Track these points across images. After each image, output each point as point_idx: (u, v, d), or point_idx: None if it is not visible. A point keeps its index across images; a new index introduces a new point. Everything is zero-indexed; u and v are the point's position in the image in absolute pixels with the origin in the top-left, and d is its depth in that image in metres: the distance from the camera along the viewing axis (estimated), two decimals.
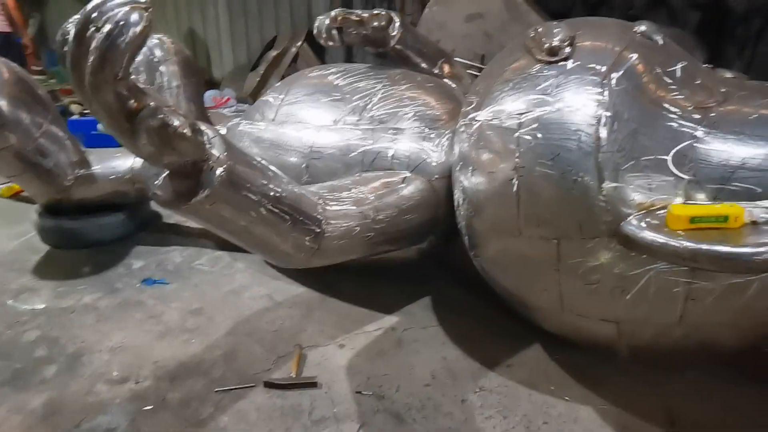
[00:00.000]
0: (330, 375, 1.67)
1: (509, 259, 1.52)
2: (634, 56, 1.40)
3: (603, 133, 1.30)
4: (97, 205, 2.42)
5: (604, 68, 1.37)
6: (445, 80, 2.18)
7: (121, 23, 0.81)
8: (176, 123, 0.90)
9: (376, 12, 2.08)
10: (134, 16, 0.82)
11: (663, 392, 1.61)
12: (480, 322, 1.93)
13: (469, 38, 3.21)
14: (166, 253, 2.42)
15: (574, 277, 1.38)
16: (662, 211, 1.26)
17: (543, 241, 1.38)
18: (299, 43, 4.38)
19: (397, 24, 2.13)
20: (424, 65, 2.26)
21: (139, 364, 1.69)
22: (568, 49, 1.41)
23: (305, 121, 1.97)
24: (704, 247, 1.12)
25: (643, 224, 1.24)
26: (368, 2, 4.31)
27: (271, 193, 1.25)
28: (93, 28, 0.87)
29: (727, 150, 1.28)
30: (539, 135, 1.35)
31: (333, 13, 2.08)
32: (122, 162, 2.38)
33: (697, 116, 1.34)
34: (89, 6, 0.87)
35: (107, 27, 0.82)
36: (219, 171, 1.07)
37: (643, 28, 1.49)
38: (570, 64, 1.39)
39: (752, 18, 3.21)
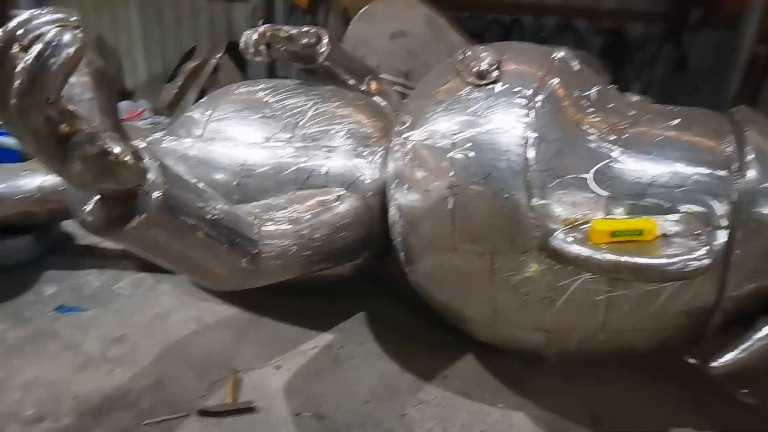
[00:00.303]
0: (267, 398, 1.64)
1: (444, 274, 1.56)
2: (556, 80, 1.50)
3: (530, 153, 1.38)
4: (0, 228, 2.22)
5: (529, 92, 1.45)
6: (375, 97, 2.21)
7: (54, 43, 0.76)
8: (117, 150, 0.85)
9: (305, 29, 2.08)
10: (67, 37, 0.77)
11: (587, 394, 1.72)
12: (415, 336, 1.97)
13: (393, 55, 3.27)
14: (81, 278, 2.26)
15: (507, 289, 1.45)
16: (585, 226, 1.35)
17: (477, 256, 1.43)
18: (220, 55, 4.27)
19: (325, 41, 2.14)
20: (351, 82, 2.28)
21: (57, 400, 1.57)
22: (495, 73, 1.49)
23: (235, 138, 1.92)
24: (624, 259, 1.22)
25: (569, 238, 1.33)
26: (290, 16, 4.29)
27: (208, 216, 1.21)
28: (17, 47, 0.81)
29: (639, 168, 1.40)
30: (472, 155, 1.40)
31: (261, 28, 2.05)
32: (30, 180, 2.20)
33: (612, 137, 1.46)
34: (13, 23, 0.81)
35: (37, 47, 0.77)
36: (155, 195, 1.03)
37: (561, 54, 1.61)
38: (498, 87, 1.47)
39: (648, 44, 3.54)
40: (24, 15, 0.83)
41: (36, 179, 2.19)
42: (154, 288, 2.22)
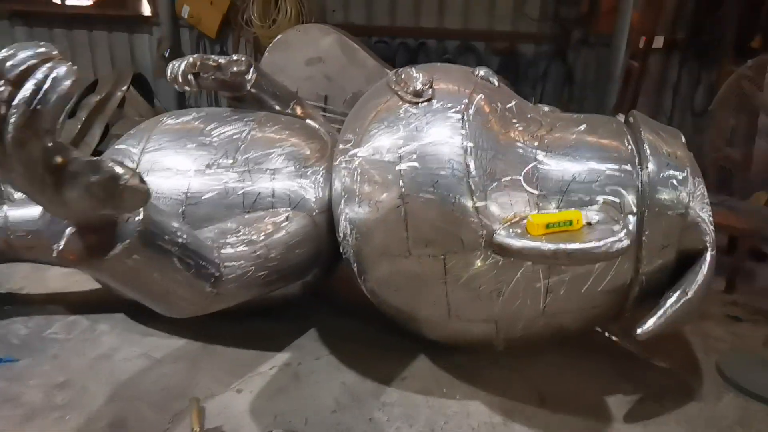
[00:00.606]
0: (235, 422, 1.64)
1: (400, 279, 1.67)
2: (481, 96, 1.68)
3: (470, 160, 1.53)
4: None
5: (461, 107, 1.62)
6: (307, 120, 2.30)
7: (51, 76, 0.79)
8: (126, 176, 0.88)
9: (235, 58, 2.13)
10: (62, 69, 0.80)
11: (531, 377, 1.89)
12: (368, 344, 2.05)
13: (310, 80, 3.38)
14: (5, 326, 2.11)
15: (459, 286, 1.58)
16: (523, 222, 1.53)
17: (431, 259, 1.56)
18: (125, 87, 4.13)
19: (252, 69, 2.20)
20: (277, 107, 2.35)
21: None
22: (430, 92, 1.64)
23: (174, 168, 1.92)
24: (561, 246, 1.40)
25: (511, 233, 1.49)
26: (198, 45, 4.26)
27: (180, 240, 1.23)
28: (2, 83, 0.82)
29: (561, 168, 1.61)
30: (418, 165, 1.54)
31: (191, 59, 2.08)
32: None
33: (535, 143, 1.65)
34: None
35: (33, 80, 0.78)
36: (137, 220, 1.05)
37: (482, 73, 1.80)
38: (434, 104, 1.62)
39: (538, 62, 3.93)
40: (6, 50, 0.84)
41: None
42: (91, 329, 2.12)
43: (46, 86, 0.78)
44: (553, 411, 1.73)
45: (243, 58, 2.15)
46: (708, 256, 1.60)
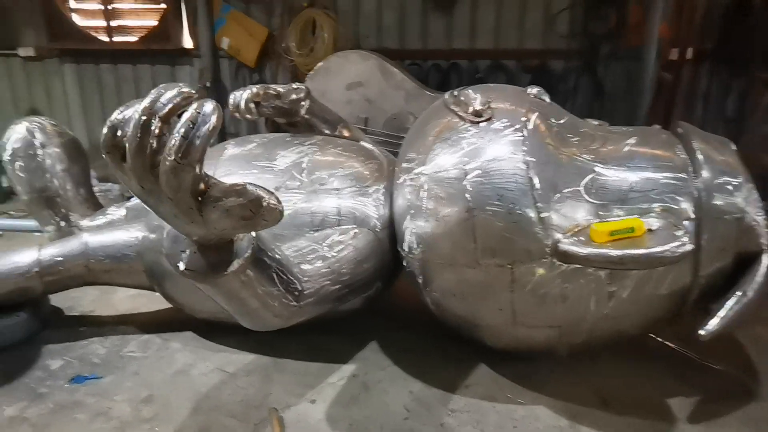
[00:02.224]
0: (313, 430, 1.73)
1: (465, 288, 1.76)
2: (537, 113, 1.78)
3: (532, 174, 1.63)
4: None
5: (519, 125, 1.72)
6: (361, 142, 2.42)
7: (202, 112, 0.90)
8: (266, 195, 0.99)
9: (294, 86, 2.26)
10: (209, 106, 0.91)
11: (590, 380, 1.95)
12: (427, 354, 2.13)
13: (351, 104, 3.52)
14: (84, 347, 2.23)
15: (525, 293, 1.66)
16: (586, 230, 1.61)
17: (499, 268, 1.64)
18: None
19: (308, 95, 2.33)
20: (327, 131, 2.48)
21: None
22: (489, 111, 1.74)
23: None
24: (628, 252, 1.48)
25: (576, 242, 1.57)
26: (237, 75, 4.44)
27: (277, 256, 1.34)
28: (157, 120, 0.93)
29: (619, 178, 1.70)
30: (484, 180, 1.63)
31: (254, 89, 2.21)
32: (24, 256, 2.18)
33: (591, 156, 1.74)
34: (149, 98, 0.94)
35: (187, 116, 0.90)
36: (250, 238, 1.16)
37: (534, 91, 1.90)
38: (494, 123, 1.72)
39: (568, 77, 4.03)
40: (155, 91, 0.96)
41: (31, 254, 2.18)
42: (164, 347, 2.23)
43: (199, 120, 0.90)
44: (618, 413, 1.79)
45: (301, 86, 2.28)
46: (765, 258, 1.66)
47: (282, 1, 4.14)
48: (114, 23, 4.50)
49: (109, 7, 4.44)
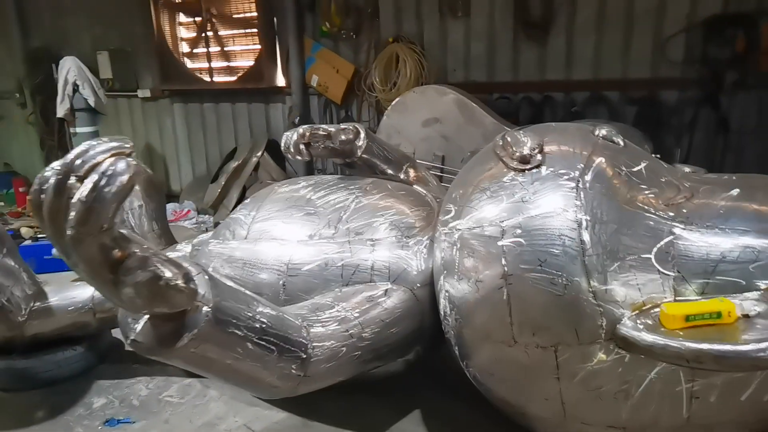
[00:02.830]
0: None
1: (505, 369, 1.46)
2: (601, 159, 1.46)
3: (585, 236, 1.31)
4: (53, 340, 2.24)
5: (575, 173, 1.41)
6: (414, 186, 2.21)
7: (108, 173, 0.78)
8: (168, 274, 0.85)
9: (343, 126, 2.13)
10: (121, 165, 0.79)
11: None
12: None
13: (427, 141, 3.34)
14: (130, 386, 2.23)
15: (575, 384, 1.33)
16: (655, 310, 1.26)
17: (540, 350, 1.34)
18: (260, 153, 4.44)
19: (363, 135, 2.18)
20: (390, 171, 2.30)
21: None
22: (539, 157, 1.46)
23: (280, 238, 1.93)
24: (706, 347, 1.12)
25: (639, 325, 1.23)
26: (326, 111, 4.48)
27: (257, 325, 1.18)
28: (74, 178, 0.83)
29: (706, 244, 1.32)
30: (524, 241, 1.35)
31: (301, 129, 2.12)
32: (82, 291, 2.24)
33: (671, 213, 1.38)
34: (72, 154, 0.84)
35: (93, 177, 0.78)
36: (205, 310, 1.01)
37: (603, 131, 1.57)
38: (543, 170, 1.44)
39: (684, 109, 3.49)
40: (81, 146, 0.85)
41: (88, 290, 2.23)
42: (202, 394, 2.16)
43: (102, 183, 0.77)
44: None
45: (351, 127, 2.14)
46: None
47: (368, 36, 4.11)
48: (215, 65, 4.77)
49: (211, 50, 4.72)
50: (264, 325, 1.20)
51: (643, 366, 1.27)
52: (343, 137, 2.14)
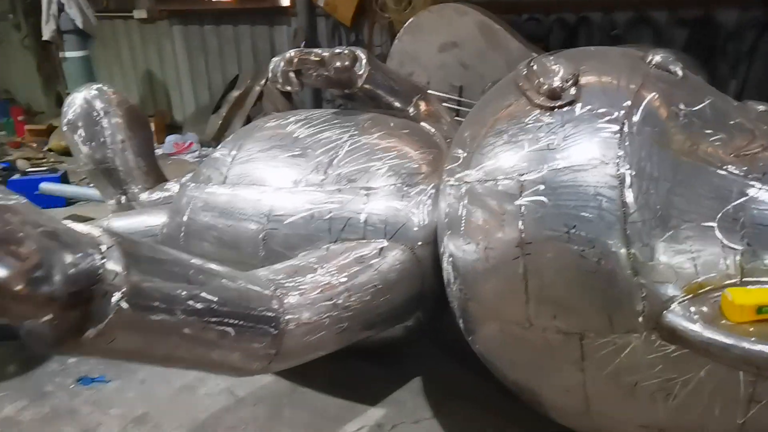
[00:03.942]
0: None
1: (516, 353, 1.22)
2: (654, 95, 1.13)
3: (629, 196, 1.01)
4: None
5: (620, 113, 1.09)
6: (422, 123, 1.89)
7: None
8: (3, 275, 0.59)
9: (337, 51, 1.80)
10: None
11: None
12: (482, 409, 1.63)
13: (444, 69, 2.96)
14: None
15: (603, 376, 1.08)
16: (715, 296, 0.97)
17: (561, 335, 1.08)
18: (263, 82, 4.10)
19: (364, 62, 1.85)
20: (397, 104, 1.98)
21: None
22: (572, 91, 1.13)
23: (260, 183, 1.66)
24: None
25: (693, 315, 0.95)
26: (333, 36, 4.07)
27: (200, 305, 0.93)
28: None
29: None
30: (547, 201, 1.06)
31: (288, 54, 1.80)
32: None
33: (743, 167, 1.07)
34: None
35: None
36: (115, 298, 0.76)
37: (658, 58, 1.23)
38: (577, 109, 1.11)
39: (744, 32, 3.02)
40: None
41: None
42: None
43: None
44: None
45: (346, 51, 1.80)
46: None
47: None
48: None
49: None
50: (212, 305, 0.96)
51: (691, 363, 1.00)
52: (338, 64, 1.80)
